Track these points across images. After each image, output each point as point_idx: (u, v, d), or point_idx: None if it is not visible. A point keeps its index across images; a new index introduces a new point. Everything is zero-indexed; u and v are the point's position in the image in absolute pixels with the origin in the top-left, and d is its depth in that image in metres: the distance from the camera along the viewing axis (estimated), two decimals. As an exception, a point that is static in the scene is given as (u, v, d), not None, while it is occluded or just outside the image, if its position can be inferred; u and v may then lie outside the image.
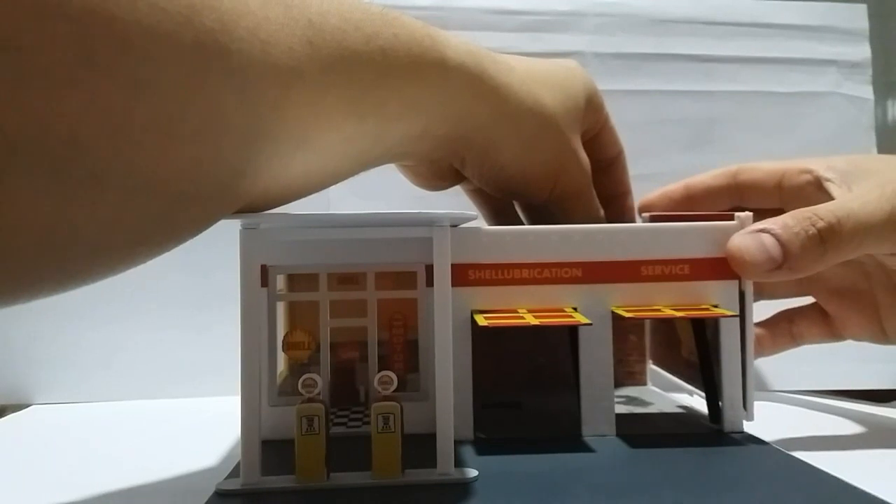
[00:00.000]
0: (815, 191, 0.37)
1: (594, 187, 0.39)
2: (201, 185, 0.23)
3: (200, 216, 0.24)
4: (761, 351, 0.41)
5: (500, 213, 0.42)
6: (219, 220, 0.25)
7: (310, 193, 0.30)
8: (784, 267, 0.32)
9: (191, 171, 0.22)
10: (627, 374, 0.43)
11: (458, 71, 0.31)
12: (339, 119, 0.27)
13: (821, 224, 0.32)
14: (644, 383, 0.43)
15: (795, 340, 0.41)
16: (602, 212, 0.40)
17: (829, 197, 0.35)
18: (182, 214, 0.24)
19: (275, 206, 0.29)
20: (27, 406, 0.45)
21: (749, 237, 0.33)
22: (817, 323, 0.41)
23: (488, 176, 0.36)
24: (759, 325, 0.41)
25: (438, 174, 0.38)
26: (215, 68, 0.22)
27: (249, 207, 0.26)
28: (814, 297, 0.41)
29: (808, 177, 0.37)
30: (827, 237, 0.32)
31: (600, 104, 0.39)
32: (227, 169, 0.24)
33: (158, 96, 0.20)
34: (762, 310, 0.42)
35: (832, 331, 0.40)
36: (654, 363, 0.43)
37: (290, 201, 0.30)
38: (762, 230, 0.32)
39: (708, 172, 0.42)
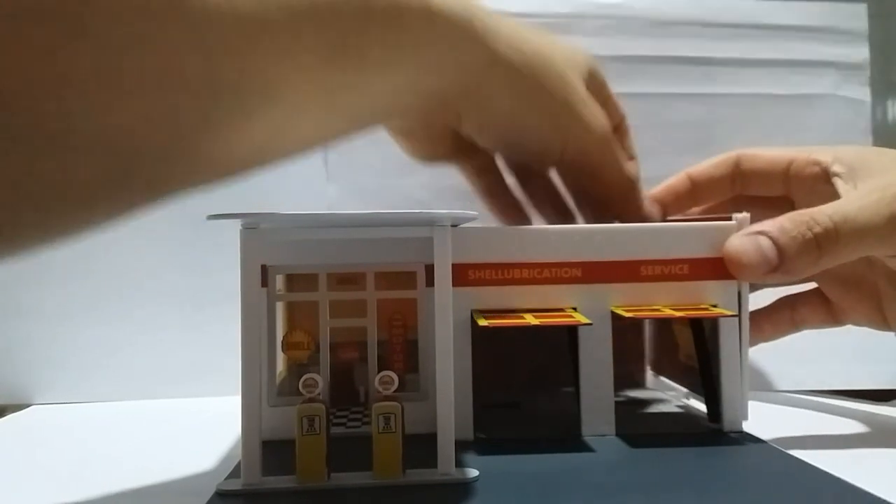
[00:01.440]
0: (823, 184, 0.36)
1: None
2: (154, 142, 0.22)
3: (158, 177, 0.23)
4: (761, 336, 0.41)
5: (501, 199, 0.41)
6: (186, 187, 0.24)
7: (293, 154, 0.29)
8: (780, 270, 0.32)
9: (141, 127, 0.21)
10: (625, 373, 0.43)
11: (445, 15, 0.30)
12: (315, 69, 0.26)
13: (817, 229, 0.32)
14: (642, 383, 0.43)
15: (797, 326, 0.41)
16: (634, 170, 0.37)
17: (834, 192, 0.35)
18: (136, 173, 0.22)
19: (253, 169, 0.28)
20: (27, 406, 0.45)
21: (746, 239, 0.33)
22: (819, 309, 0.40)
23: (489, 130, 0.34)
24: (759, 311, 0.41)
25: (435, 138, 0.36)
26: (171, 16, 0.20)
27: (220, 169, 0.25)
28: (816, 283, 0.41)
29: (816, 169, 0.37)
30: (823, 242, 0.32)
31: (603, 77, 0.38)
32: (182, 124, 0.22)
33: (106, 45, 0.19)
34: (765, 296, 0.42)
35: (833, 317, 0.40)
36: (654, 371, 0.43)
37: (269, 163, 0.28)
38: (759, 232, 0.33)
39: (709, 161, 0.42)
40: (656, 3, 0.54)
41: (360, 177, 0.50)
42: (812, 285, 0.41)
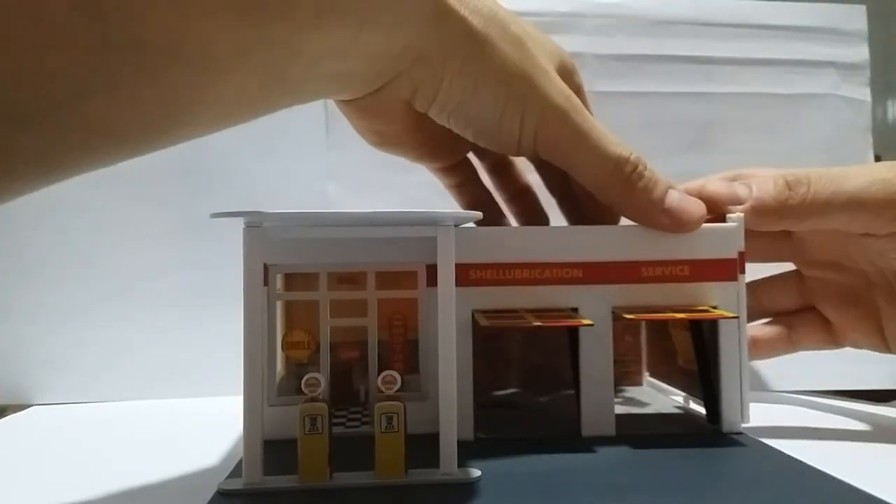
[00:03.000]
0: None
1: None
2: (31, 102, 0.21)
3: (40, 142, 0.22)
4: (757, 353, 0.41)
5: (474, 199, 0.40)
6: (90, 161, 0.23)
7: (222, 122, 0.27)
8: (750, 203, 0.34)
9: (13, 83, 0.20)
10: (624, 374, 0.43)
11: None
12: (227, 24, 0.23)
13: (791, 177, 0.34)
14: (640, 383, 0.43)
15: (794, 346, 0.41)
16: (627, 152, 0.33)
17: None
18: (16, 138, 0.21)
19: (173, 135, 0.26)
20: (27, 406, 0.45)
21: (721, 181, 0.36)
22: (817, 330, 0.41)
23: (442, 103, 0.31)
24: (757, 329, 0.41)
25: (389, 114, 0.32)
26: None
27: (126, 135, 0.24)
28: (815, 304, 0.41)
29: None
30: (794, 186, 0.34)
31: (574, 66, 0.36)
32: (62, 84, 0.21)
33: None
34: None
35: (832, 338, 0.40)
36: (651, 375, 0.43)
37: (190, 129, 0.26)
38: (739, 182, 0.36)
39: (705, 178, 0.41)
40: (656, 3, 0.54)
41: (360, 174, 0.50)
42: (810, 307, 0.41)
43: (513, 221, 0.42)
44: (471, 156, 0.40)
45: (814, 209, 0.34)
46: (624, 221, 0.35)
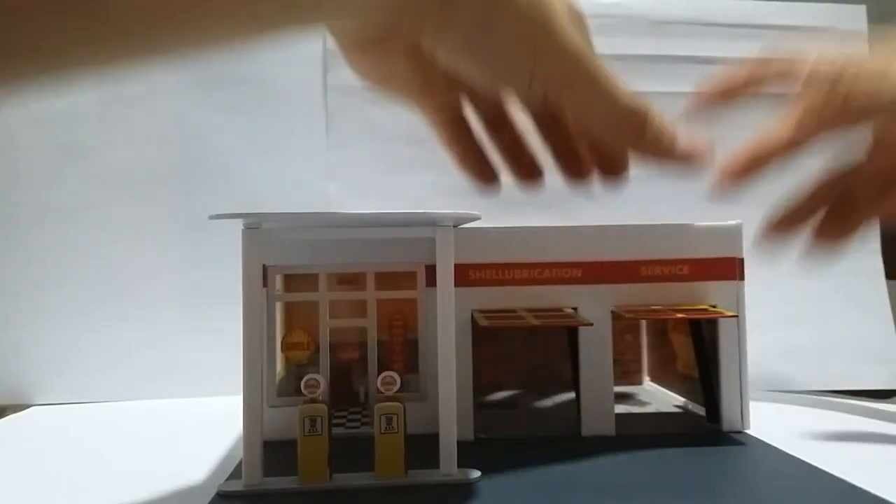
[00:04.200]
0: None
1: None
2: None
3: (46, 28, 0.21)
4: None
5: (466, 149, 0.37)
6: (92, 59, 0.23)
7: (229, 37, 0.26)
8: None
9: None
10: (623, 373, 0.43)
11: None
12: None
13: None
14: (640, 382, 0.44)
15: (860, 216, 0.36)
16: (636, 96, 0.32)
17: None
18: (23, 23, 0.20)
19: (171, 48, 0.25)
20: (27, 407, 0.45)
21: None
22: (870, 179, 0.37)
23: (452, 39, 0.30)
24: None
25: (391, 52, 0.31)
26: None
27: (134, 34, 0.23)
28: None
29: None
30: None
31: (584, 19, 0.34)
32: None
33: None
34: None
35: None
36: (652, 380, 0.43)
37: (195, 42, 0.25)
38: None
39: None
40: (656, 3, 0.54)
41: (360, 174, 0.50)
42: None
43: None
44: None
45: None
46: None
